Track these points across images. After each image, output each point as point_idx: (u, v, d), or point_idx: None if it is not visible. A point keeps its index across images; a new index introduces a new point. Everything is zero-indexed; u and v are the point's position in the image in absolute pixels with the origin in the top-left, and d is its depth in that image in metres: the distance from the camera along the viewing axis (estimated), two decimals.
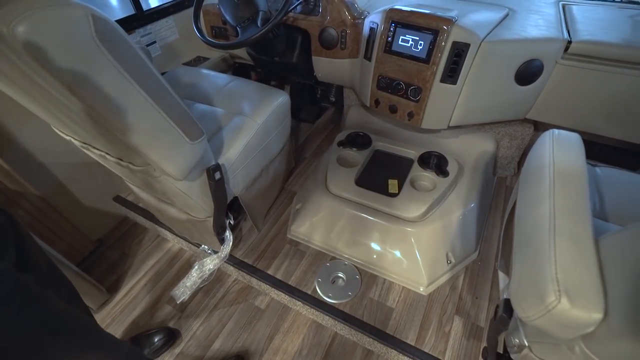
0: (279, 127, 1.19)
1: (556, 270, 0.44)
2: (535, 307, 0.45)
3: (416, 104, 1.16)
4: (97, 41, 0.48)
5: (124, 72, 0.53)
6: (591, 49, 0.99)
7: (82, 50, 0.47)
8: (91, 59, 0.49)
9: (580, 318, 0.41)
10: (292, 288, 1.15)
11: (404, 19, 1.08)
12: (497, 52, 1.03)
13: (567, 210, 0.50)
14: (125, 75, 0.54)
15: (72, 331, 0.63)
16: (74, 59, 0.47)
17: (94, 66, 0.49)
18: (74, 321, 0.65)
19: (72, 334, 0.63)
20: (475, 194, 1.23)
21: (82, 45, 0.47)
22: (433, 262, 1.12)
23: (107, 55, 0.50)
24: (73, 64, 0.47)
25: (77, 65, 0.47)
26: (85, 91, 0.50)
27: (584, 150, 0.61)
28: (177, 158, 0.72)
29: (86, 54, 0.48)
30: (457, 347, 1.00)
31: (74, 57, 0.47)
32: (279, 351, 1.12)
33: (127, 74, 0.54)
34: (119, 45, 0.52)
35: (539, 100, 1.16)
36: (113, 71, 0.52)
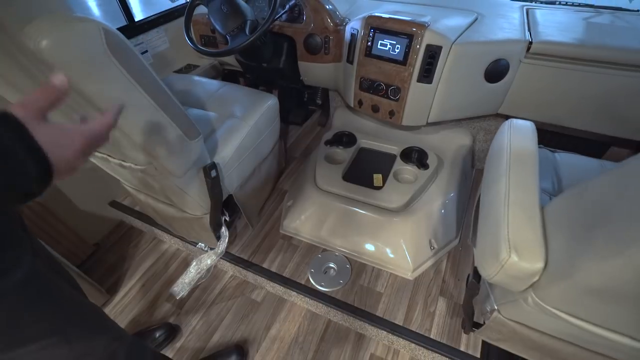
0: (269, 128, 1.26)
1: (508, 232, 0.52)
2: (493, 264, 0.53)
3: (396, 103, 1.25)
4: (108, 52, 0.55)
5: (130, 77, 0.60)
6: (549, 48, 1.10)
7: (96, 60, 0.54)
8: (103, 67, 0.55)
9: (527, 268, 0.49)
10: (286, 279, 1.22)
11: (381, 25, 1.17)
12: (467, 53, 1.13)
13: (519, 185, 0.59)
14: (131, 80, 0.60)
15: (82, 316, 0.68)
16: (89, 68, 0.53)
17: (105, 73, 0.56)
18: (84, 306, 0.70)
19: (82, 319, 0.68)
20: (454, 185, 1.32)
21: (96, 55, 0.54)
22: (417, 248, 1.21)
23: (116, 64, 0.57)
24: (88, 72, 0.54)
25: (92, 74, 0.54)
26: (97, 96, 0.57)
27: (536, 135, 0.70)
28: (176, 156, 0.78)
29: (99, 64, 0.55)
30: (441, 324, 1.08)
31: (90, 66, 0.53)
32: (276, 339, 1.18)
33: (132, 79, 0.61)
34: (125, 54, 0.59)
35: (508, 97, 1.27)
36: (121, 77, 0.59)
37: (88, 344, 0.66)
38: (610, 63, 1.04)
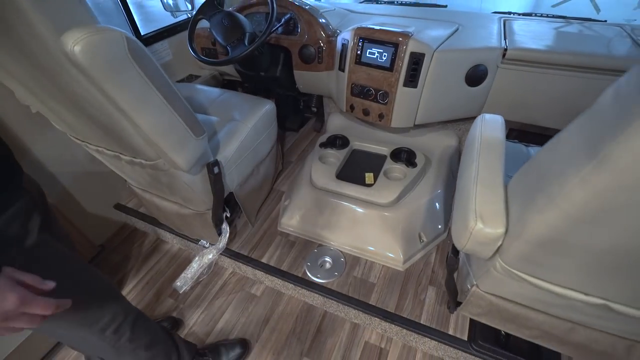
0: (267, 130, 1.35)
1: (475, 205, 0.61)
2: (464, 234, 0.61)
3: (385, 106, 1.34)
4: (129, 56, 0.64)
5: (146, 78, 0.69)
6: (522, 54, 1.21)
7: (119, 63, 0.63)
8: (125, 69, 0.64)
9: (491, 233, 0.57)
10: (284, 273, 1.29)
11: (369, 35, 1.28)
12: (448, 59, 1.24)
13: (487, 167, 0.68)
14: (147, 81, 0.69)
15: (92, 285, 0.74)
16: (113, 69, 0.62)
17: (126, 74, 0.65)
18: (95, 278, 0.76)
19: (92, 288, 0.74)
20: (441, 183, 1.41)
21: (119, 59, 0.63)
22: (408, 241, 1.28)
23: (135, 67, 0.66)
24: (112, 73, 0.62)
25: (115, 74, 0.63)
26: (119, 94, 0.66)
27: (504, 127, 0.79)
28: (184, 150, 0.86)
29: (121, 66, 0.64)
30: (430, 311, 1.15)
31: (114, 67, 0.62)
32: (275, 331, 1.24)
33: (148, 79, 0.69)
34: (143, 58, 0.68)
35: (488, 99, 1.37)
36: (139, 78, 0.68)
37: (97, 311, 0.73)
38: (576, 67, 1.14)
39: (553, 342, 0.79)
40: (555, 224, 0.44)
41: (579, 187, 0.38)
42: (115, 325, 0.77)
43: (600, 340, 0.70)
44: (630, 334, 0.66)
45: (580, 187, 0.38)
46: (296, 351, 1.18)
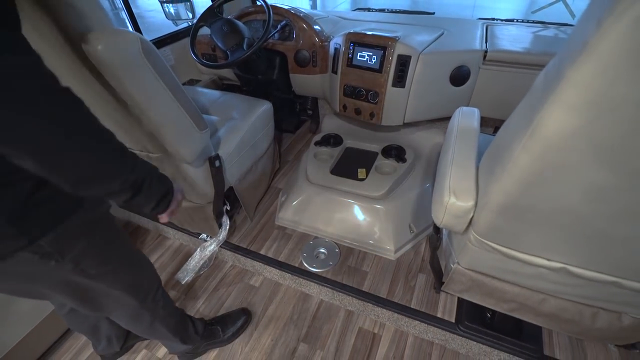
0: (264, 128, 1.44)
1: (449, 183, 0.68)
2: (440, 209, 0.69)
3: (375, 106, 1.43)
4: (142, 55, 0.72)
5: (156, 75, 0.77)
6: (501, 55, 1.30)
7: (134, 61, 0.71)
8: (138, 66, 0.73)
9: (462, 206, 0.65)
10: (281, 263, 1.35)
11: (359, 39, 1.38)
12: (433, 61, 1.33)
13: (461, 151, 0.76)
14: (157, 77, 0.77)
15: (137, 253, 0.83)
16: (129, 66, 0.70)
17: (140, 71, 0.73)
18: (136, 249, 0.83)
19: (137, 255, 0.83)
20: (430, 177, 1.49)
21: (134, 57, 0.71)
22: (398, 232, 1.35)
23: (148, 65, 0.74)
24: (128, 69, 0.70)
25: (131, 71, 0.71)
26: (134, 87, 0.74)
27: (479, 117, 0.88)
28: (189, 143, 0.94)
29: (136, 64, 0.72)
30: (420, 296, 1.21)
31: (129, 65, 0.70)
32: (273, 318, 1.30)
33: (158, 76, 0.77)
34: (154, 58, 0.76)
35: (472, 98, 1.46)
36: (150, 76, 0.76)
37: (140, 275, 0.82)
38: None
39: (529, 314, 0.86)
40: (509, 190, 0.51)
41: (522, 153, 0.46)
42: (153, 292, 0.86)
43: (568, 309, 0.77)
44: (592, 300, 0.73)
45: (523, 153, 0.46)
46: (293, 337, 1.24)
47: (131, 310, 0.84)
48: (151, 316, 0.89)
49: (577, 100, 0.36)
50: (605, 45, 0.32)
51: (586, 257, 0.60)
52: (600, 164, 0.41)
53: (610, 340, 0.82)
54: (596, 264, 0.60)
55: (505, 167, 0.50)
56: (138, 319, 0.88)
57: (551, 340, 1.10)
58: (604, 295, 0.68)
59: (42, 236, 0.55)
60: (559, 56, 0.41)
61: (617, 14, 0.30)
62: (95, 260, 0.66)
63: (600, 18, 0.32)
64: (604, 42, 0.32)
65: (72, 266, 0.62)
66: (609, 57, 0.32)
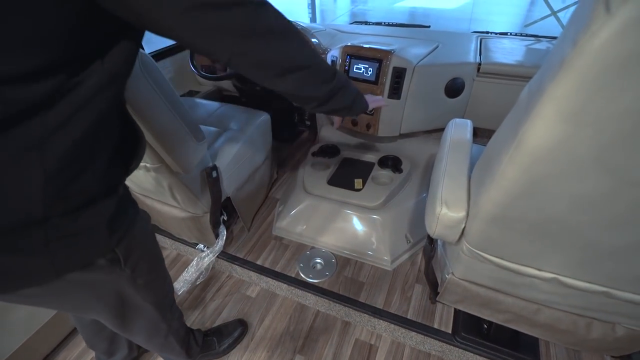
0: (262, 139, 1.45)
1: (442, 193, 0.69)
2: (433, 219, 0.70)
3: (372, 117, 1.45)
4: (142, 69, 0.74)
5: (155, 88, 0.79)
6: (494, 68, 1.33)
7: (133, 76, 0.73)
8: (137, 80, 0.74)
9: (454, 216, 0.66)
10: (277, 273, 1.35)
11: (356, 52, 1.40)
12: (428, 73, 1.36)
13: (454, 162, 0.77)
14: (156, 91, 0.79)
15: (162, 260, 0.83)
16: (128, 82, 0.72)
17: (138, 85, 0.75)
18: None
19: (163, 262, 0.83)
20: (426, 187, 1.50)
21: (133, 72, 0.73)
22: (395, 242, 1.35)
23: (147, 78, 0.76)
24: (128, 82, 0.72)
25: (130, 83, 0.73)
26: (131, 101, 0.75)
27: (471, 129, 0.89)
28: (186, 154, 0.95)
29: (135, 77, 0.74)
30: (417, 307, 1.21)
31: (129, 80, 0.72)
32: (269, 330, 1.29)
33: (157, 90, 0.79)
34: (153, 71, 0.78)
35: (467, 110, 1.48)
36: (149, 88, 0.77)
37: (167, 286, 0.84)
38: None
39: (524, 325, 0.85)
40: (498, 200, 0.52)
41: (509, 165, 0.47)
42: (171, 304, 0.86)
43: (562, 319, 0.77)
44: (585, 310, 0.73)
45: (509, 165, 0.47)
46: (290, 349, 1.23)
47: (152, 323, 0.83)
48: (167, 328, 0.88)
49: (557, 114, 0.38)
50: (580, 63, 0.33)
51: (576, 267, 0.61)
52: (582, 175, 0.42)
53: (606, 351, 0.82)
54: (586, 274, 0.60)
55: (494, 178, 0.51)
56: (156, 332, 0.87)
57: (548, 352, 1.10)
58: (596, 305, 0.68)
59: (119, 243, 0.57)
60: (541, 72, 0.43)
61: (591, 33, 0.32)
62: (144, 270, 0.67)
63: (575, 37, 0.33)
64: (579, 59, 0.33)
65: (129, 273, 0.63)
66: (585, 74, 0.34)
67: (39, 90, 0.39)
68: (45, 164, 0.42)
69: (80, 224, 0.49)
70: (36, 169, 0.42)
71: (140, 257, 0.65)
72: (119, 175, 0.58)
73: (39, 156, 0.42)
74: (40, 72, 0.38)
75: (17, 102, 0.38)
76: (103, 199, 0.52)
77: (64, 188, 0.45)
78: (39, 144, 0.41)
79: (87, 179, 0.48)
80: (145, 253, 0.68)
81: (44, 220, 0.45)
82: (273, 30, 0.50)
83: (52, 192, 0.44)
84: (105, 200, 0.52)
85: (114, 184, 0.55)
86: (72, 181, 0.46)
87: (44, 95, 0.39)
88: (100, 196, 0.51)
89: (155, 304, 0.77)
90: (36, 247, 0.46)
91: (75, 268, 0.52)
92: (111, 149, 0.52)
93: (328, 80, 0.64)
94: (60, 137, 0.42)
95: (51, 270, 0.49)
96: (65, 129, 0.42)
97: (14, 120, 0.39)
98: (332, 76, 0.65)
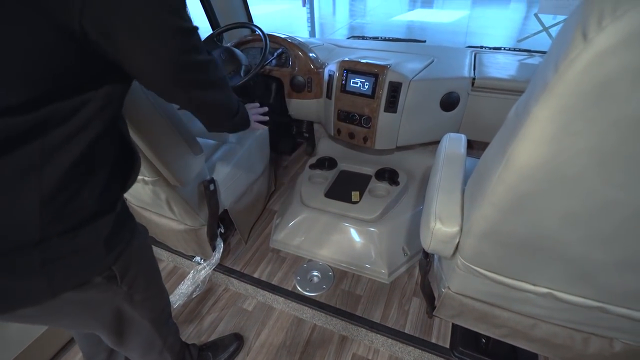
0: (260, 152, 1.47)
1: (436, 208, 0.70)
2: (427, 234, 0.70)
3: (368, 130, 1.47)
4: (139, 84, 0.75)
5: (153, 101, 0.80)
6: (488, 82, 1.35)
7: (130, 89, 0.74)
8: (135, 94, 0.76)
9: (448, 232, 0.66)
10: (274, 286, 1.34)
11: (352, 67, 1.43)
12: (424, 87, 1.38)
13: (447, 177, 0.78)
14: (154, 104, 0.80)
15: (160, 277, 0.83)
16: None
17: (136, 98, 0.76)
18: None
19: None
20: (422, 200, 1.50)
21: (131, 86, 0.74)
22: (392, 254, 1.35)
23: (144, 91, 0.77)
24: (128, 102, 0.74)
25: (128, 99, 0.74)
26: (128, 115, 0.76)
27: (465, 143, 0.91)
28: (184, 167, 0.96)
29: (132, 91, 0.75)
30: (414, 321, 1.20)
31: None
32: (266, 344, 1.28)
33: (155, 102, 0.80)
34: None
35: (463, 123, 1.50)
36: (147, 102, 0.79)
37: (164, 302, 0.84)
38: None
39: (521, 340, 0.85)
40: (490, 216, 0.53)
41: (498, 183, 0.48)
42: (167, 319, 0.86)
43: (559, 334, 0.77)
44: (582, 325, 0.73)
45: (499, 183, 0.48)
46: None
47: (148, 339, 0.83)
48: (162, 344, 0.87)
49: (542, 135, 0.39)
50: (561, 88, 0.35)
51: (569, 282, 0.61)
52: (568, 193, 0.43)
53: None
54: (580, 289, 0.61)
55: (485, 195, 0.52)
56: (152, 348, 0.87)
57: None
58: (592, 320, 0.68)
59: (116, 260, 0.58)
60: (527, 93, 0.44)
61: (570, 60, 0.33)
62: (141, 286, 0.68)
63: (557, 62, 0.35)
64: (560, 84, 0.34)
65: (125, 290, 0.63)
66: (566, 98, 0.35)
67: (29, 119, 0.40)
68: (41, 188, 0.43)
69: (77, 243, 0.49)
70: (32, 194, 0.43)
71: (138, 274, 0.65)
72: (116, 193, 0.58)
73: (35, 181, 0.43)
74: (30, 102, 0.40)
75: (8, 130, 0.40)
76: (100, 218, 0.52)
77: (61, 209, 0.46)
78: (33, 170, 0.42)
79: (84, 198, 0.49)
80: (142, 269, 0.68)
81: (40, 242, 0.46)
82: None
83: (48, 215, 0.45)
84: (102, 219, 0.53)
85: (111, 202, 0.56)
86: (68, 202, 0.47)
87: (36, 123, 0.41)
88: (97, 215, 0.52)
89: (152, 320, 0.77)
90: (33, 268, 0.46)
91: (72, 287, 0.52)
92: (108, 167, 0.53)
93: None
94: (56, 161, 0.43)
95: (48, 290, 0.49)
96: (60, 153, 0.43)
97: (7, 147, 0.40)
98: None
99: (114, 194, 0.57)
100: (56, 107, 0.42)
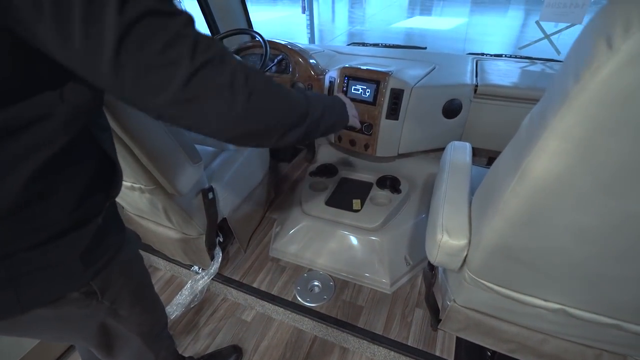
0: (259, 159, 1.44)
1: (443, 220, 0.68)
2: (434, 246, 0.68)
3: (369, 137, 1.45)
4: None
5: None
6: (491, 89, 1.34)
7: None
8: None
9: (455, 245, 0.64)
10: (274, 297, 1.31)
11: (353, 73, 1.42)
12: (426, 94, 1.36)
13: (454, 187, 0.76)
14: None
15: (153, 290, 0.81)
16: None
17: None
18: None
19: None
20: (425, 208, 1.48)
21: None
22: (394, 264, 1.33)
23: None
24: (121, 105, 0.71)
25: (124, 106, 0.72)
26: (126, 123, 0.74)
27: (470, 152, 0.89)
28: (182, 176, 0.94)
29: None
30: (418, 333, 1.17)
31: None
32: (265, 356, 1.24)
33: None
34: None
35: (465, 130, 1.48)
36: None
37: (156, 316, 0.81)
38: (537, 100, 1.27)
39: (530, 355, 0.82)
40: (501, 230, 0.51)
41: (511, 196, 0.46)
42: (160, 332, 0.83)
43: (570, 350, 0.75)
44: (594, 342, 0.70)
45: (512, 196, 0.45)
46: None
47: (139, 352, 0.80)
48: (155, 357, 0.85)
49: (560, 147, 0.37)
50: (584, 98, 0.33)
51: (583, 298, 0.59)
52: (586, 208, 0.41)
53: None
54: (594, 306, 0.58)
55: (497, 208, 0.50)
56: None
57: None
58: (606, 337, 0.66)
59: (96, 276, 0.55)
60: (543, 103, 0.42)
61: (594, 69, 0.31)
62: (126, 300, 0.65)
63: (577, 72, 0.33)
64: (582, 94, 0.33)
65: (108, 305, 0.61)
66: (588, 108, 0.33)
67: None
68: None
69: (48, 258, 0.47)
70: None
71: (123, 288, 0.62)
72: (96, 207, 0.54)
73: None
74: None
75: None
76: (75, 232, 0.49)
77: (24, 225, 0.44)
78: None
79: (55, 212, 0.46)
80: (130, 283, 0.65)
81: (5, 257, 0.43)
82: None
83: (9, 231, 0.43)
84: (78, 233, 0.50)
85: (89, 216, 0.53)
86: (33, 218, 0.44)
87: None
88: (71, 229, 0.49)
89: (142, 334, 0.74)
90: (0, 283, 0.44)
91: (43, 303, 0.50)
92: (82, 181, 0.50)
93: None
94: (11, 177, 0.40)
95: (17, 305, 0.47)
96: (17, 167, 0.40)
97: None
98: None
99: (93, 208, 0.54)
100: (5, 117, 0.38)
